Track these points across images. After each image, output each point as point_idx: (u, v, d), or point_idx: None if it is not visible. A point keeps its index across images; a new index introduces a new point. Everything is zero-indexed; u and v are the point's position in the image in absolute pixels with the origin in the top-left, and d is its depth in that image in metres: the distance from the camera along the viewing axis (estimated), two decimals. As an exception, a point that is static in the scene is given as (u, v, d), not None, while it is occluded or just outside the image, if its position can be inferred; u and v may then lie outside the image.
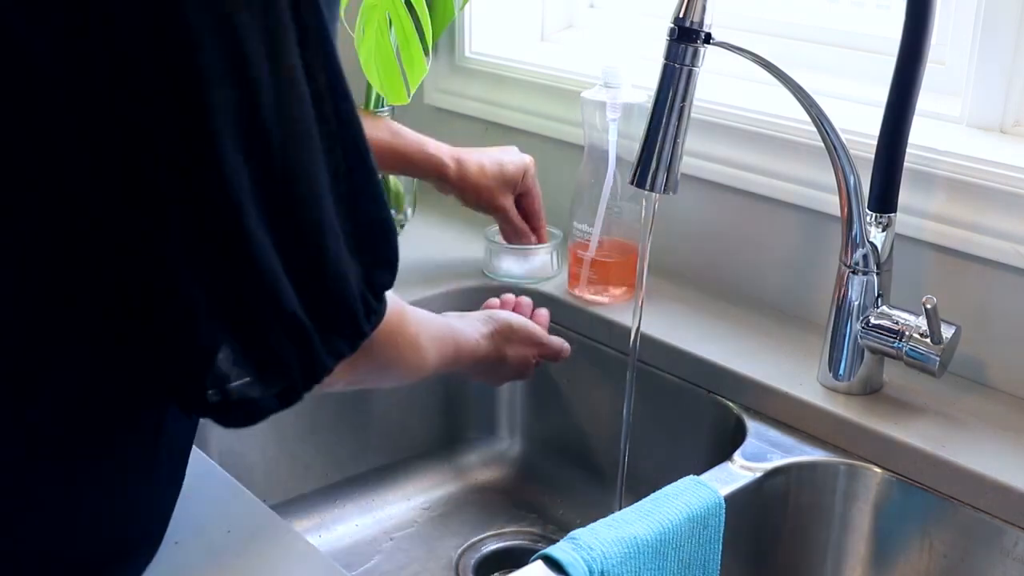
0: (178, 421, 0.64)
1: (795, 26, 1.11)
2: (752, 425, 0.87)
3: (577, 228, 1.04)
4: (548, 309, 1.01)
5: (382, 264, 0.60)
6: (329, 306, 0.56)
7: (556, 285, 1.08)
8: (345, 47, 1.14)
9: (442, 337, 0.80)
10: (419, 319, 0.75)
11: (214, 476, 0.77)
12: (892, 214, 0.83)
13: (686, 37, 0.79)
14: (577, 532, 0.70)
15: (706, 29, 0.79)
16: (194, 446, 0.80)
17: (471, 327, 0.87)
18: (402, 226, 1.22)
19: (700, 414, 0.94)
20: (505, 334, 0.89)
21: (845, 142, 0.81)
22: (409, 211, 1.22)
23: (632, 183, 0.84)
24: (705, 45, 0.80)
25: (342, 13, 1.14)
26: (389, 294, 0.63)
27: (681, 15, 0.79)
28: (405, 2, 1.06)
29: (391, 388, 1.06)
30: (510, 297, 1.01)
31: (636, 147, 0.84)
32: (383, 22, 1.07)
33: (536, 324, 0.95)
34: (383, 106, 1.18)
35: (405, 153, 1.04)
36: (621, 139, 1.00)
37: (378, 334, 0.61)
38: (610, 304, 1.04)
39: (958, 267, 0.88)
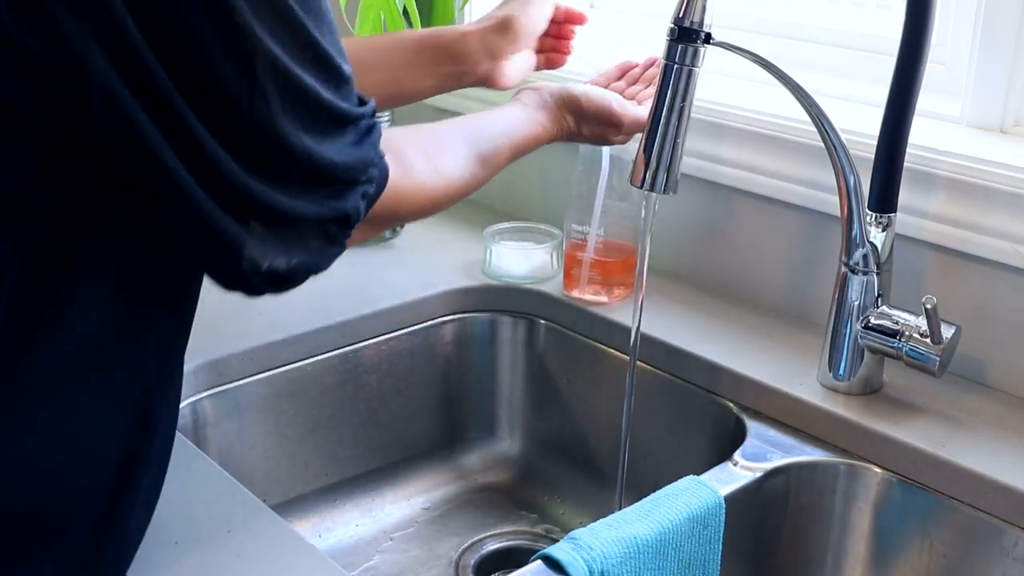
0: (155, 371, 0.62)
1: (795, 26, 1.11)
2: (752, 425, 0.87)
3: (573, 229, 1.04)
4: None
5: (344, 90, 0.58)
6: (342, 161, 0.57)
7: (556, 285, 1.08)
8: (345, 47, 1.14)
9: (496, 149, 0.81)
10: (455, 157, 0.76)
11: (214, 476, 0.77)
12: (892, 214, 0.83)
13: (686, 37, 0.79)
14: (577, 532, 0.70)
15: (706, 29, 0.79)
16: (194, 446, 0.81)
17: (530, 118, 0.86)
18: (402, 226, 1.22)
19: (700, 414, 0.94)
20: (575, 111, 0.88)
21: (845, 142, 0.81)
22: (409, 211, 1.22)
23: (632, 183, 0.84)
24: (705, 45, 0.80)
25: (343, 8, 1.14)
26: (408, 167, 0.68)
27: (681, 15, 0.79)
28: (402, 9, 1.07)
29: (391, 389, 1.06)
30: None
31: (633, 147, 0.84)
32: (377, 22, 1.07)
33: (620, 98, 0.92)
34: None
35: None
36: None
37: (399, 187, 0.64)
38: (610, 304, 1.04)
39: (958, 267, 0.88)
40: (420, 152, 0.73)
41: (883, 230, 0.83)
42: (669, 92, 0.81)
